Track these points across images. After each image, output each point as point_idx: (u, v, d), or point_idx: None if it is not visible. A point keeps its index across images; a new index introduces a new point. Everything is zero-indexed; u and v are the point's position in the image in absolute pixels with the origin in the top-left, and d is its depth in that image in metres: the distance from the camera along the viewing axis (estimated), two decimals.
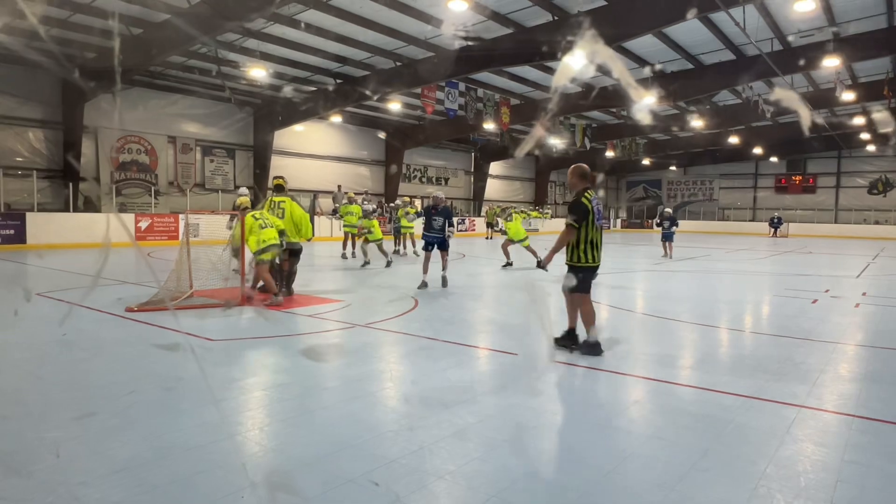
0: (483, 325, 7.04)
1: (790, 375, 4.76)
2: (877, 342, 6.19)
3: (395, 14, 14.61)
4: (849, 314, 7.82)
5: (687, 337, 6.49)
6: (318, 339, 5.84)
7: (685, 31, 16.25)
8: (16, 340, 5.42)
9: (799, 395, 4.20)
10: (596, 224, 5.15)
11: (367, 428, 3.49)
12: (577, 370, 4.79)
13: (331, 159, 27.32)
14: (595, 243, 5.18)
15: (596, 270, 5.30)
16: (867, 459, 3.14)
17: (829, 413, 3.88)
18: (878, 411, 3.90)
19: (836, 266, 15.52)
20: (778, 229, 33.33)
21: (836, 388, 4.48)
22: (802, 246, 24.36)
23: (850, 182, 38.09)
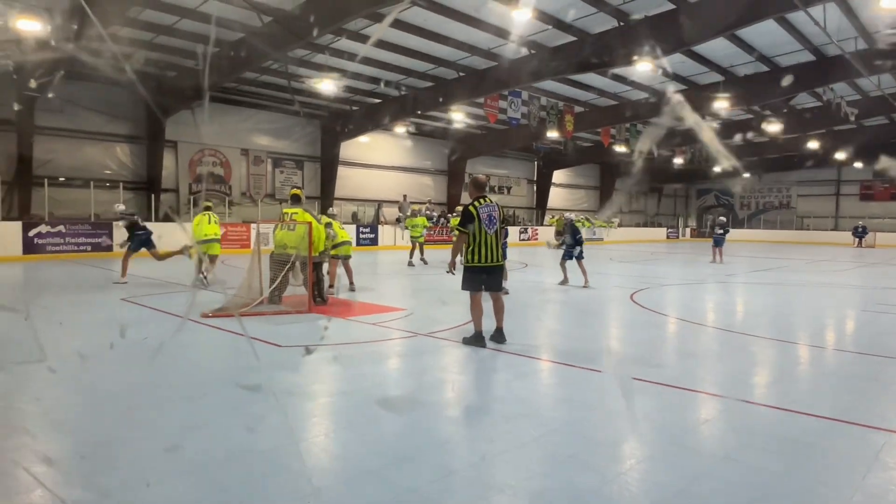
0: (545, 337, 6.94)
1: (878, 397, 4.44)
2: None
3: (458, 25, 14.73)
4: None
5: (763, 353, 6.17)
6: (381, 347, 5.92)
7: (760, 33, 15.56)
8: (103, 343, 5.78)
9: (889, 419, 3.90)
10: (484, 228, 5.65)
11: (428, 438, 3.50)
12: (643, 385, 4.64)
13: (395, 169, 27.78)
14: (483, 246, 5.65)
15: (484, 270, 5.71)
16: None
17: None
18: None
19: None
20: (863, 239, 31.27)
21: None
22: (893, 257, 22.73)
23: None
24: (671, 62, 17.65)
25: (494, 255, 5.72)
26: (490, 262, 5.71)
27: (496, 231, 5.72)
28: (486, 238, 5.68)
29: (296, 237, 7.91)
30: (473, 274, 5.76)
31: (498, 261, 5.77)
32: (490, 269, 5.75)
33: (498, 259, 5.76)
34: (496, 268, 5.80)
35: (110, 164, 19.43)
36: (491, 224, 5.69)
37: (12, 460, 3.07)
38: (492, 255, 5.70)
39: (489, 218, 5.70)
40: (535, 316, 8.29)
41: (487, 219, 5.69)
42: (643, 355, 5.82)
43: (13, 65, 13.90)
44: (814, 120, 24.66)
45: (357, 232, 22.82)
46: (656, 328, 7.42)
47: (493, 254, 5.71)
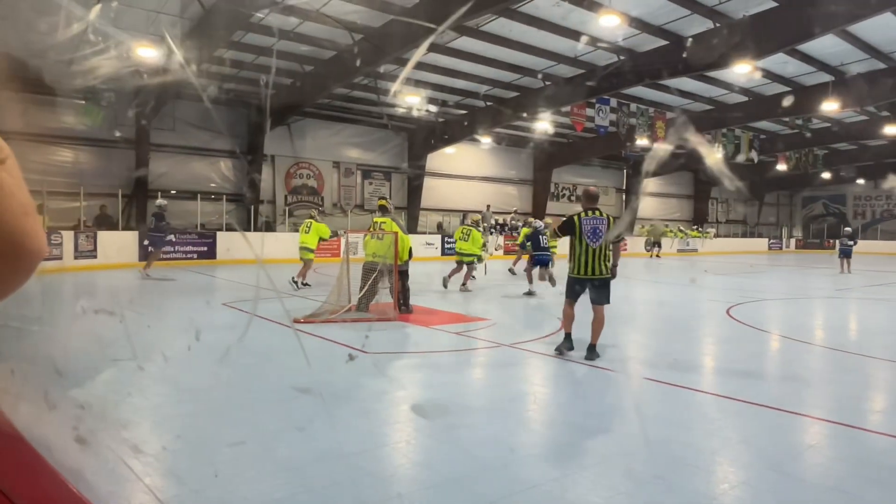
0: (635, 351, 6.71)
1: None
2: None
3: (544, 34, 14.66)
4: None
5: (878, 376, 5.65)
6: (465, 356, 5.96)
7: (874, 28, 14.36)
8: (203, 345, 6.19)
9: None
10: (585, 241, 5.63)
11: (509, 450, 3.48)
12: (740, 405, 4.38)
13: (480, 179, 27.92)
14: (582, 257, 5.65)
15: (578, 282, 5.76)
16: None
17: None
18: None
19: None
20: None
21: None
22: None
23: None
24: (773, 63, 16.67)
25: (595, 268, 5.65)
26: (588, 274, 5.67)
27: (601, 244, 5.64)
28: (586, 249, 5.66)
29: (383, 246, 8.17)
30: (571, 283, 5.87)
31: (599, 273, 5.68)
32: (588, 280, 5.72)
33: (599, 272, 5.67)
34: (597, 280, 5.71)
35: (215, 178, 20.85)
36: (594, 237, 5.63)
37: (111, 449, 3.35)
38: (591, 268, 5.65)
39: (593, 231, 5.65)
40: (624, 329, 8.04)
41: (591, 231, 5.66)
42: (740, 373, 5.49)
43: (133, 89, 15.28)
44: None
45: (442, 241, 23.11)
46: (755, 345, 6.99)
47: (593, 266, 5.65)
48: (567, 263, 5.96)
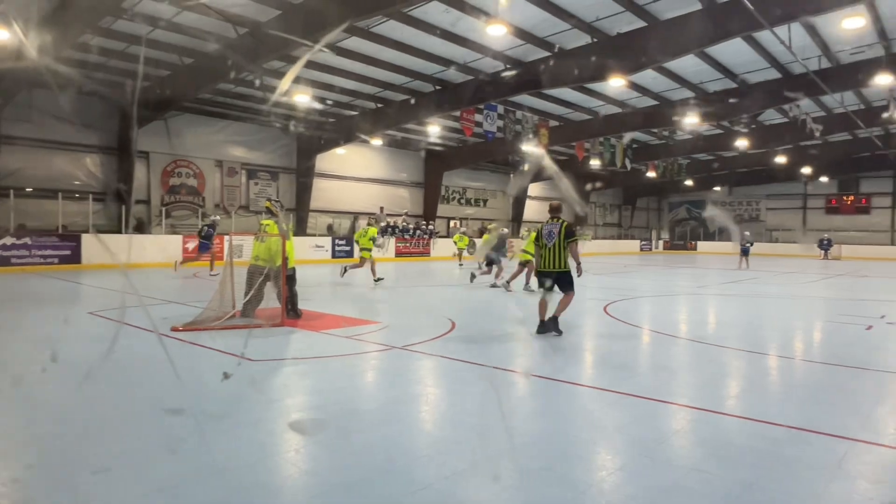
0: (520, 349, 6.97)
1: (842, 406, 4.55)
2: None
3: (434, 40, 14.87)
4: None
5: (732, 364, 6.28)
6: (356, 360, 5.88)
7: (728, 51, 16.01)
8: (67, 358, 5.64)
9: (851, 428, 4.00)
10: (543, 241, 7.22)
11: (401, 452, 3.48)
12: (615, 397, 4.68)
13: (371, 181, 27.77)
14: (545, 255, 7.20)
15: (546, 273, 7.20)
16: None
17: (884, 448, 3.68)
18: None
19: (892, 290, 14.83)
20: (828, 251, 32.11)
21: (892, 421, 4.26)
22: (856, 269, 23.38)
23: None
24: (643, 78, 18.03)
25: (553, 262, 7.11)
26: (548, 267, 7.15)
27: (555, 244, 7.08)
28: (544, 248, 7.19)
29: (265, 249, 7.86)
30: (539, 276, 7.34)
31: (557, 267, 7.11)
32: (550, 273, 7.15)
33: (557, 266, 7.10)
34: (557, 272, 7.13)
35: (79, 175, 19.07)
36: (549, 238, 7.14)
37: None
38: (550, 262, 7.13)
39: (549, 234, 7.16)
40: (511, 327, 8.33)
41: (547, 234, 7.17)
42: (616, 366, 5.88)
43: None
44: (781, 135, 25.37)
45: (333, 244, 22.70)
46: (628, 339, 7.51)
47: (551, 261, 7.11)
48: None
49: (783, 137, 25.62)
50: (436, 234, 27.15)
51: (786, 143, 27.32)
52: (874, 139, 26.15)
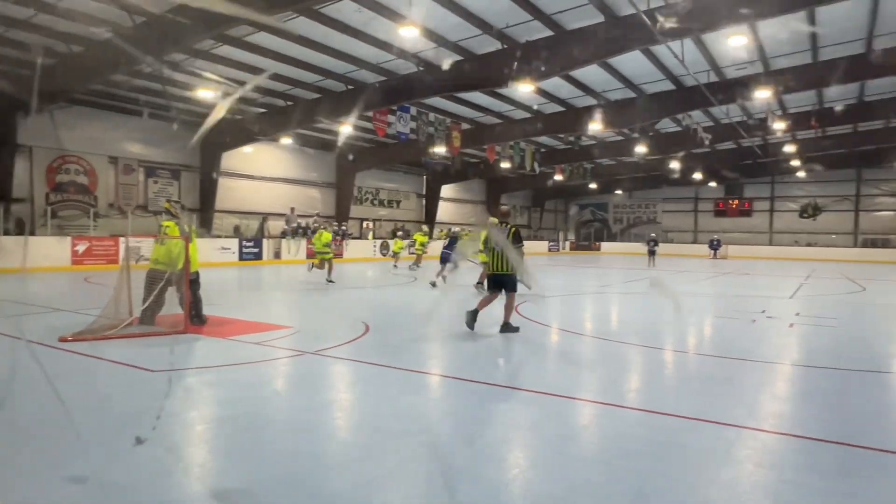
0: (436, 351, 7.01)
1: (730, 396, 4.92)
2: (809, 361, 6.49)
3: (346, 38, 14.65)
4: (784, 334, 8.17)
5: (633, 359, 6.63)
6: (265, 368, 5.68)
7: (629, 63, 16.91)
8: None
9: (738, 416, 4.33)
10: (492, 245, 7.57)
11: (314, 461, 3.40)
12: (525, 395, 4.81)
13: (281, 181, 26.95)
14: (490, 257, 7.60)
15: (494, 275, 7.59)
16: (803, 478, 3.26)
17: (766, 433, 4.01)
18: (812, 430, 4.06)
19: (771, 287, 16.24)
20: (717, 251, 34.67)
21: (772, 408, 4.65)
22: (740, 267, 25.40)
23: (783, 206, 40.18)
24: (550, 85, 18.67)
25: (499, 265, 7.49)
26: (495, 270, 7.53)
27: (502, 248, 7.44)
28: (492, 251, 7.57)
29: (165, 252, 7.41)
30: (488, 277, 7.77)
31: (503, 269, 7.48)
32: (496, 275, 7.53)
33: (503, 268, 7.47)
34: (502, 274, 7.49)
35: None
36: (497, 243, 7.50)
37: None
38: (496, 265, 7.51)
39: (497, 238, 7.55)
40: (426, 328, 8.35)
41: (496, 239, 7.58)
42: (527, 366, 6.05)
43: None
44: (675, 143, 27.13)
45: (240, 246, 21.84)
46: (539, 338, 7.75)
47: (498, 264, 7.49)
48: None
49: (677, 145, 27.40)
50: (349, 236, 26.78)
51: (679, 151, 29.24)
52: (755, 148, 28.56)
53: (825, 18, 13.91)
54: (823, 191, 38.27)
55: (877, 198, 37.36)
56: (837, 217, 38.17)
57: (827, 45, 15.52)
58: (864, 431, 4.04)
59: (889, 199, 36.98)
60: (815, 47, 15.73)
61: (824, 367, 6.12)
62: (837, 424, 4.19)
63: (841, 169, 35.24)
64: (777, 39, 15.22)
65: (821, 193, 38.47)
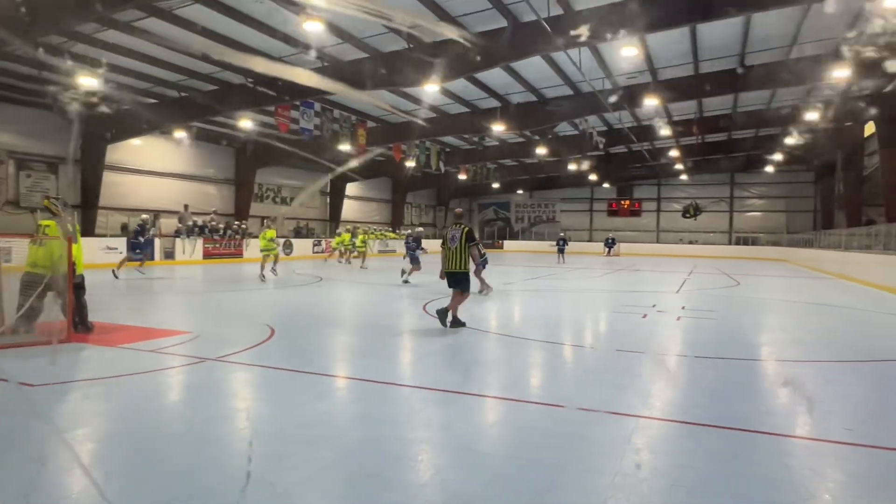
0: (343, 353, 6.91)
1: (628, 387, 5.23)
2: (695, 352, 7.03)
3: (245, 29, 14.08)
4: (672, 327, 8.80)
5: (536, 355, 6.88)
6: (161, 377, 5.35)
7: (530, 67, 17.49)
8: None
9: (635, 406, 4.62)
10: (447, 245, 8.14)
11: (222, 475, 3.24)
12: (435, 394, 4.86)
13: (174, 177, 25.43)
14: (447, 257, 8.13)
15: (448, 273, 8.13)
16: (694, 462, 3.53)
17: (660, 421, 4.31)
18: (699, 416, 4.41)
19: (659, 283, 17.43)
20: (612, 249, 36.71)
21: (664, 397, 5.00)
22: (632, 264, 27.05)
23: (669, 207, 43.30)
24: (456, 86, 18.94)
25: (452, 264, 8.04)
26: (449, 268, 8.09)
27: (456, 247, 7.98)
28: (446, 251, 8.12)
29: (44, 254, 6.77)
30: (445, 276, 8.21)
31: (456, 268, 8.04)
32: (450, 273, 8.09)
33: (456, 267, 8.03)
34: (454, 273, 8.06)
35: None
36: (452, 242, 8.04)
37: None
38: (450, 264, 8.06)
39: (452, 238, 8.06)
40: (334, 329, 8.21)
41: (450, 238, 8.08)
42: (435, 365, 6.10)
43: None
44: (572, 146, 28.42)
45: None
46: (446, 337, 7.85)
47: (451, 262, 8.04)
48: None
49: (574, 148, 28.73)
50: (249, 234, 25.74)
51: (576, 153, 30.68)
52: (644, 152, 30.55)
53: (706, 35, 15.11)
54: (703, 193, 41.69)
55: (747, 200, 41.16)
56: (715, 217, 41.70)
57: (706, 59, 16.87)
58: (743, 415, 4.44)
59: (757, 200, 40.88)
60: (696, 61, 17.04)
61: (708, 357, 6.67)
62: (720, 410, 4.57)
63: (718, 173, 38.58)
64: (664, 51, 16.36)
65: (701, 195, 41.86)
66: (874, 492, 3.20)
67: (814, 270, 23.84)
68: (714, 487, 3.21)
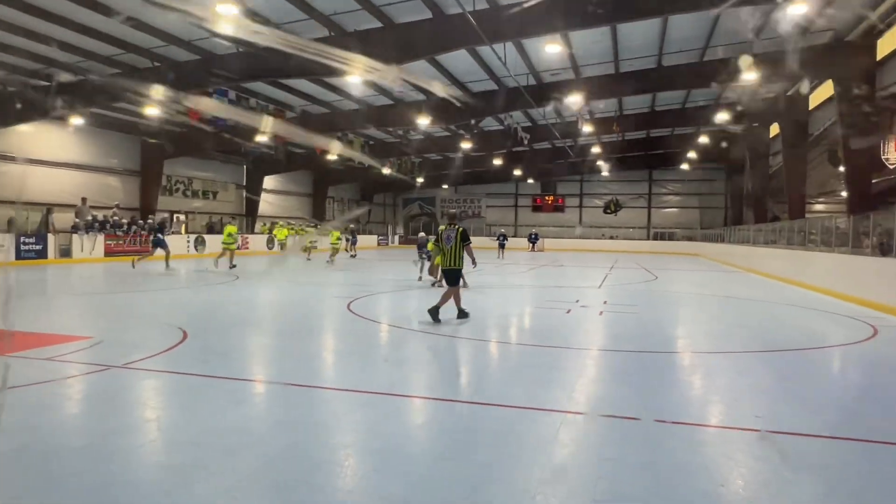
0: (262, 356, 6.72)
1: (554, 383, 5.39)
2: (617, 346, 7.35)
3: (153, 9, 13.34)
4: (595, 321, 9.14)
5: (463, 352, 6.96)
6: (59, 387, 4.99)
7: (455, 60, 17.61)
8: None
9: (561, 401, 4.77)
10: (444, 244, 8.72)
11: (132, 491, 3.07)
12: (360, 396, 4.82)
13: (70, 167, 23.75)
14: (444, 255, 8.76)
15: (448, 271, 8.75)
16: (618, 454, 3.69)
17: (586, 415, 4.47)
18: (623, 409, 4.61)
19: (582, 277, 18.06)
20: (535, 244, 37.71)
21: (589, 391, 5.19)
22: (555, 259, 27.88)
23: (590, 203, 44.99)
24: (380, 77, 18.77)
25: (450, 262, 8.66)
26: (451, 265, 8.68)
27: (452, 246, 8.58)
28: (443, 250, 8.79)
29: None
30: (445, 272, 8.89)
31: (452, 265, 8.65)
32: (447, 270, 8.75)
33: (452, 264, 8.65)
34: (449, 269, 8.71)
35: None
36: (448, 242, 8.64)
37: None
38: (451, 261, 8.66)
39: (447, 238, 8.65)
40: (248, 330, 7.96)
41: (446, 238, 8.66)
42: (360, 365, 6.04)
43: None
44: (497, 141, 28.90)
45: (17, 243, 18.87)
46: (372, 337, 7.80)
47: (452, 260, 8.65)
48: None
49: (499, 143, 29.23)
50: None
51: (501, 148, 31.22)
52: (567, 149, 31.51)
53: (626, 35, 15.76)
54: (623, 189, 43.58)
55: (664, 196, 43.42)
56: (634, 213, 43.72)
57: (626, 58, 17.60)
58: (663, 406, 4.68)
59: (673, 197, 43.21)
60: (616, 60, 17.75)
61: (629, 351, 6.98)
62: (642, 401, 4.80)
63: (637, 170, 40.48)
64: (586, 50, 16.92)
65: (621, 192, 43.75)
66: (783, 474, 3.47)
67: (724, 264, 25.49)
68: (636, 478, 3.36)
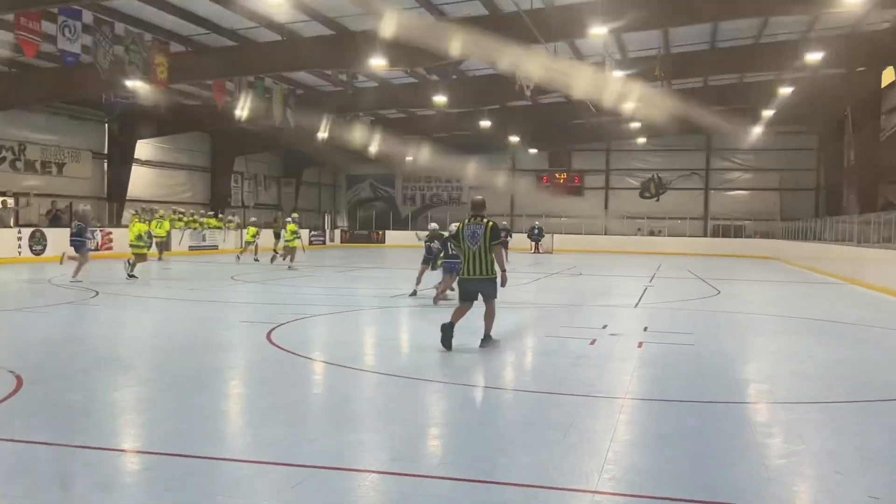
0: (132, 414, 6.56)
1: (577, 448, 5.35)
2: (665, 394, 7.34)
3: None
4: (631, 358, 9.16)
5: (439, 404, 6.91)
6: None
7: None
8: None
9: (591, 477, 4.71)
10: (467, 245, 8.90)
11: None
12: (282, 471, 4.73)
13: None
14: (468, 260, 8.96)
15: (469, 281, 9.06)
16: None
17: (626, 497, 4.42)
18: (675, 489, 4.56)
19: (611, 292, 18.20)
20: (539, 242, 37.68)
21: (625, 463, 5.15)
22: (570, 265, 28.02)
23: (621, 182, 45.15)
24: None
25: (479, 269, 8.86)
26: (471, 274, 8.94)
27: (480, 247, 8.76)
28: (469, 254, 8.90)
29: None
30: (461, 284, 9.39)
31: (482, 273, 8.88)
32: (473, 280, 8.96)
33: (483, 272, 8.87)
34: (483, 279, 8.92)
35: None
36: (473, 241, 8.81)
37: None
38: (476, 269, 8.87)
39: (472, 235, 8.82)
40: (111, 379, 7.79)
41: (470, 236, 8.84)
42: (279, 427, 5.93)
43: None
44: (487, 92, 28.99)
45: None
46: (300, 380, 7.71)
47: (478, 267, 8.85)
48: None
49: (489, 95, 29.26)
50: None
51: (492, 103, 31.25)
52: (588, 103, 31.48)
53: None
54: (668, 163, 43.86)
55: (728, 173, 43.75)
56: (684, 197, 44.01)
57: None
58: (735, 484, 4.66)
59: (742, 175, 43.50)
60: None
61: (682, 401, 6.98)
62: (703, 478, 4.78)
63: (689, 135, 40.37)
64: None
65: (665, 167, 44.03)
66: None
67: (815, 272, 25.90)
68: None
